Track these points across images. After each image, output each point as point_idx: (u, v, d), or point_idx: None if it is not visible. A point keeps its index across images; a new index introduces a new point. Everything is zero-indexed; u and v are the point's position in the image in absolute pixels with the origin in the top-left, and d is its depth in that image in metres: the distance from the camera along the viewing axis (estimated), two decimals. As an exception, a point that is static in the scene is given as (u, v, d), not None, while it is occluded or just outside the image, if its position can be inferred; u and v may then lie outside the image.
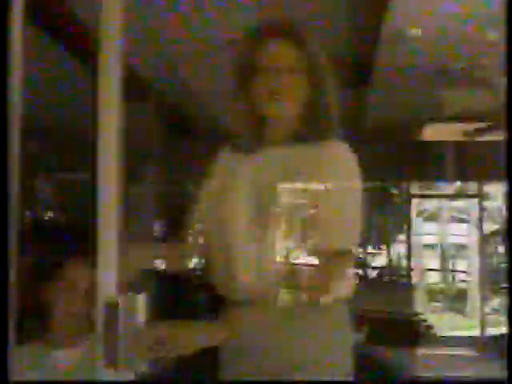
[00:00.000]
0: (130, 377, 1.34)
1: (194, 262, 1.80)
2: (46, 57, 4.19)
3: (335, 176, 1.57)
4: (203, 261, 1.76)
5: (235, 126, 1.70)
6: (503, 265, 8.20)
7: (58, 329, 1.88)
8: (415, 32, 4.15)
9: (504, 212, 8.07)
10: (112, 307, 1.26)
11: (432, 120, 6.45)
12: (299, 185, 1.56)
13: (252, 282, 1.55)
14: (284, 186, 1.56)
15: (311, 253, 1.54)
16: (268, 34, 1.64)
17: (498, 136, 5.11)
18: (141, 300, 1.32)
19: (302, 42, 1.63)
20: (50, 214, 7.66)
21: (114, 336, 1.26)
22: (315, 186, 1.55)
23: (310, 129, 1.63)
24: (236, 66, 1.70)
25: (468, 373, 4.46)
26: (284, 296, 1.51)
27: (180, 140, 7.12)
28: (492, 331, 7.28)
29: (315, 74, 1.63)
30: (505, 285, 7.39)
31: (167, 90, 5.89)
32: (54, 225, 7.35)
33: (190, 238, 1.75)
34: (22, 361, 1.75)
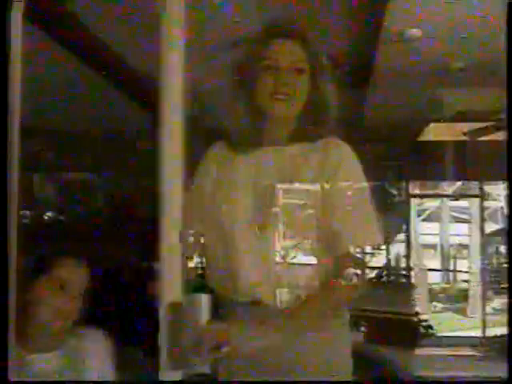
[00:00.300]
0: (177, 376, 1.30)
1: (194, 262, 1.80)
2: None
3: (336, 175, 1.57)
4: (203, 260, 1.75)
5: (236, 125, 1.70)
6: (504, 265, 8.19)
7: (41, 330, 1.75)
8: (415, 32, 4.15)
9: (505, 212, 8.07)
10: (176, 308, 1.24)
11: (432, 120, 6.44)
12: (300, 185, 1.56)
13: (252, 282, 1.55)
14: (284, 186, 1.56)
15: (311, 253, 1.54)
16: (272, 34, 1.64)
17: (498, 136, 5.10)
18: (205, 300, 1.31)
19: (305, 42, 1.63)
20: (48, 214, 7.65)
21: (178, 336, 1.24)
22: (316, 185, 1.55)
23: (311, 128, 1.63)
24: (239, 65, 1.69)
25: (468, 373, 4.45)
26: (284, 296, 1.51)
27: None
28: (492, 331, 7.27)
29: (317, 74, 1.63)
30: (505, 285, 7.39)
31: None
32: (48, 223, 7.33)
33: (191, 238, 1.75)
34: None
